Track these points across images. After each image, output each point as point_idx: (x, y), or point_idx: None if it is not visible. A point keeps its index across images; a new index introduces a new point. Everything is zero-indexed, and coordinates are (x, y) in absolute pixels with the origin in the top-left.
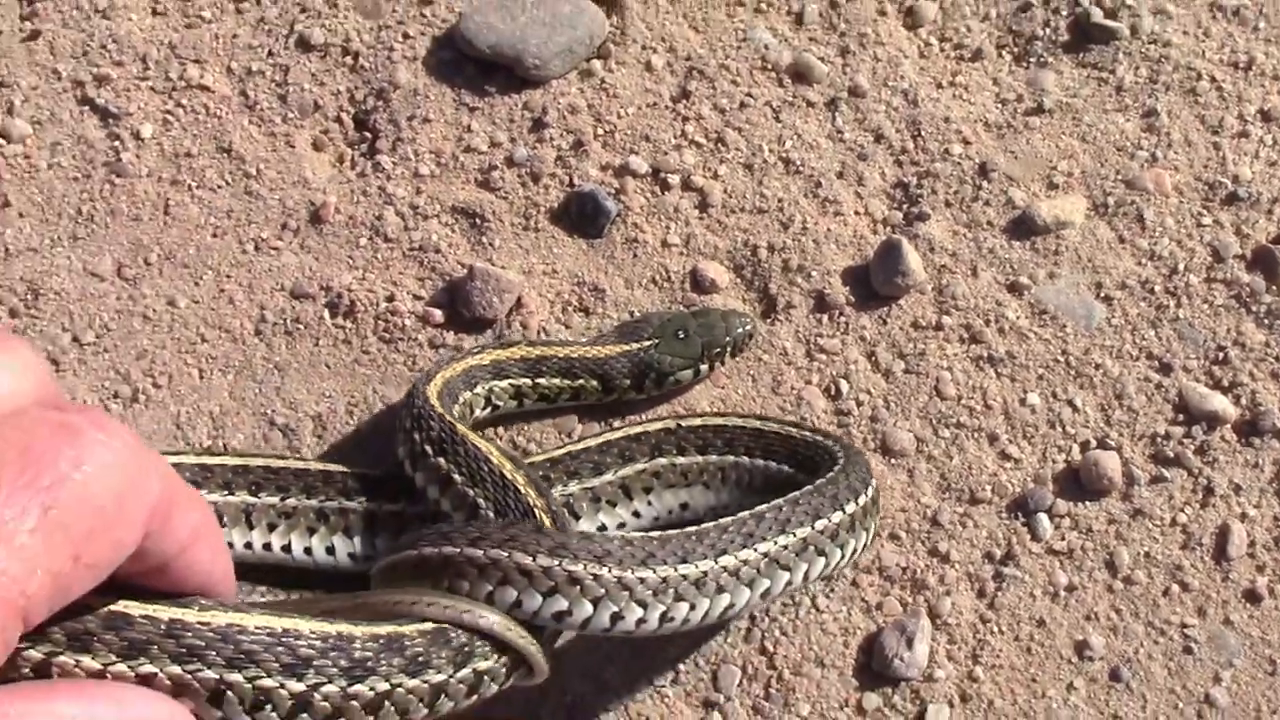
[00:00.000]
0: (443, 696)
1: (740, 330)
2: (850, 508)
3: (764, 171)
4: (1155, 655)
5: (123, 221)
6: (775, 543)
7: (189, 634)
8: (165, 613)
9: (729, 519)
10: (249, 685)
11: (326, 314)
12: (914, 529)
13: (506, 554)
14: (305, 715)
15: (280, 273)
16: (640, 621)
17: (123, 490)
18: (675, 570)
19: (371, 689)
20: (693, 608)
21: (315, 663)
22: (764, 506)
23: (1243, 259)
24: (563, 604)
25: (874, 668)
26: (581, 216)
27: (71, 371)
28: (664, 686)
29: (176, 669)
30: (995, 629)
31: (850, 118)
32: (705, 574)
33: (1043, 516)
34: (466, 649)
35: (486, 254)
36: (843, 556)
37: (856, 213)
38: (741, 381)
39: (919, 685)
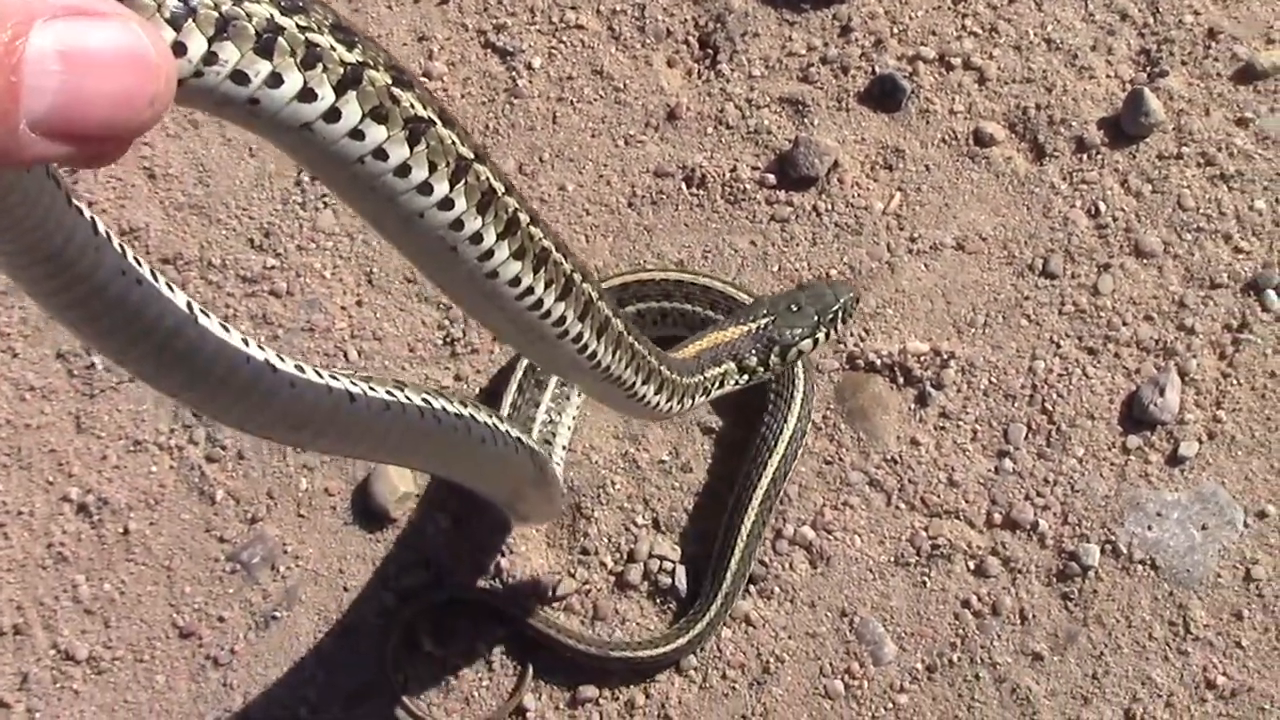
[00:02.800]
0: None
1: (849, 295)
2: None
3: (1029, 50)
4: None
5: (520, 131)
6: None
7: None
8: None
9: None
10: (300, 34)
11: (684, 186)
12: (1164, 310)
13: None
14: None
15: (645, 159)
16: None
17: None
18: None
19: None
20: None
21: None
22: None
23: None
24: None
25: (1134, 415)
26: (883, 95)
27: None
28: (964, 443)
29: None
30: (1234, 381)
31: (1099, 3)
32: None
33: (1271, 292)
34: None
35: (808, 131)
36: None
37: (1107, 76)
38: (1017, 210)
39: (1172, 427)
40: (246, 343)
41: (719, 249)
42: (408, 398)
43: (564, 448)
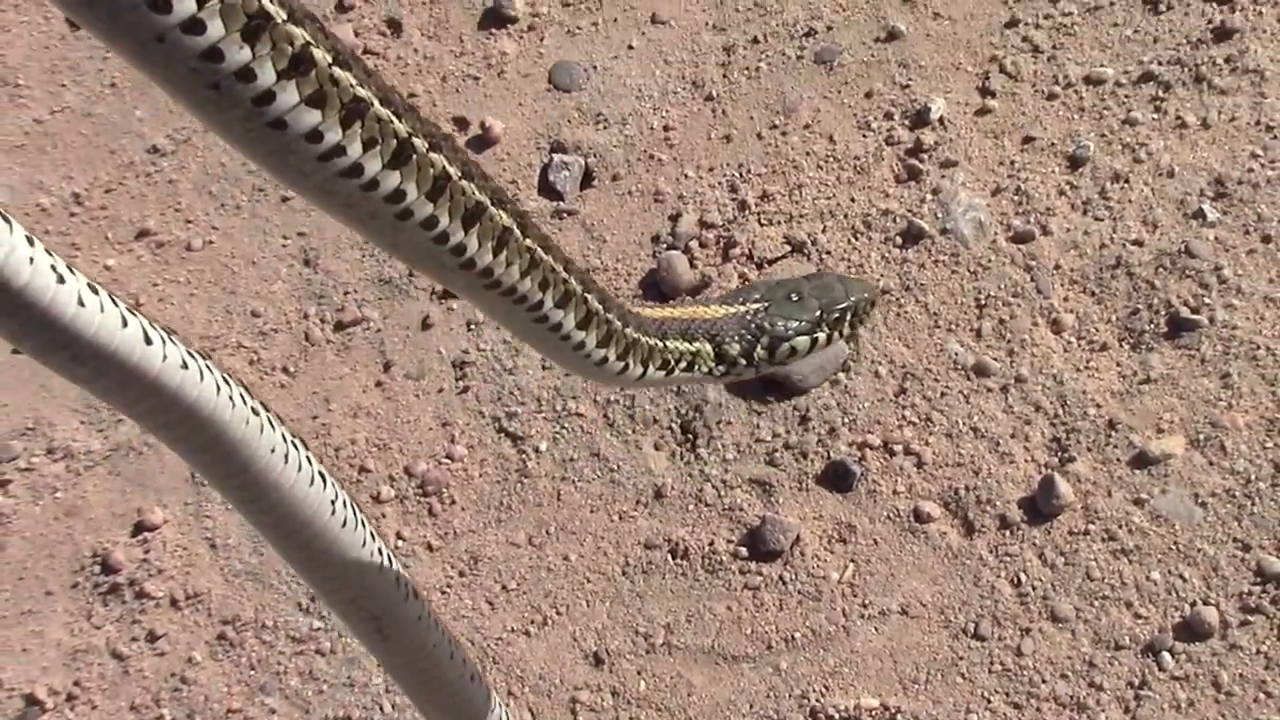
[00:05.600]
0: None
1: (863, 295)
2: None
3: (959, 438)
4: None
5: (530, 507)
6: None
7: None
8: None
9: None
10: None
11: (669, 557)
12: (1076, 669)
13: None
14: None
15: (637, 533)
16: None
17: None
18: None
19: None
20: None
21: None
22: None
23: None
24: None
25: None
26: (836, 477)
27: (502, 609)
28: None
29: None
30: None
31: (1018, 397)
32: None
33: (1166, 654)
34: None
35: (774, 508)
36: None
37: (1025, 460)
38: (952, 579)
39: None
40: (31, 242)
41: (700, 614)
42: (214, 371)
43: None
